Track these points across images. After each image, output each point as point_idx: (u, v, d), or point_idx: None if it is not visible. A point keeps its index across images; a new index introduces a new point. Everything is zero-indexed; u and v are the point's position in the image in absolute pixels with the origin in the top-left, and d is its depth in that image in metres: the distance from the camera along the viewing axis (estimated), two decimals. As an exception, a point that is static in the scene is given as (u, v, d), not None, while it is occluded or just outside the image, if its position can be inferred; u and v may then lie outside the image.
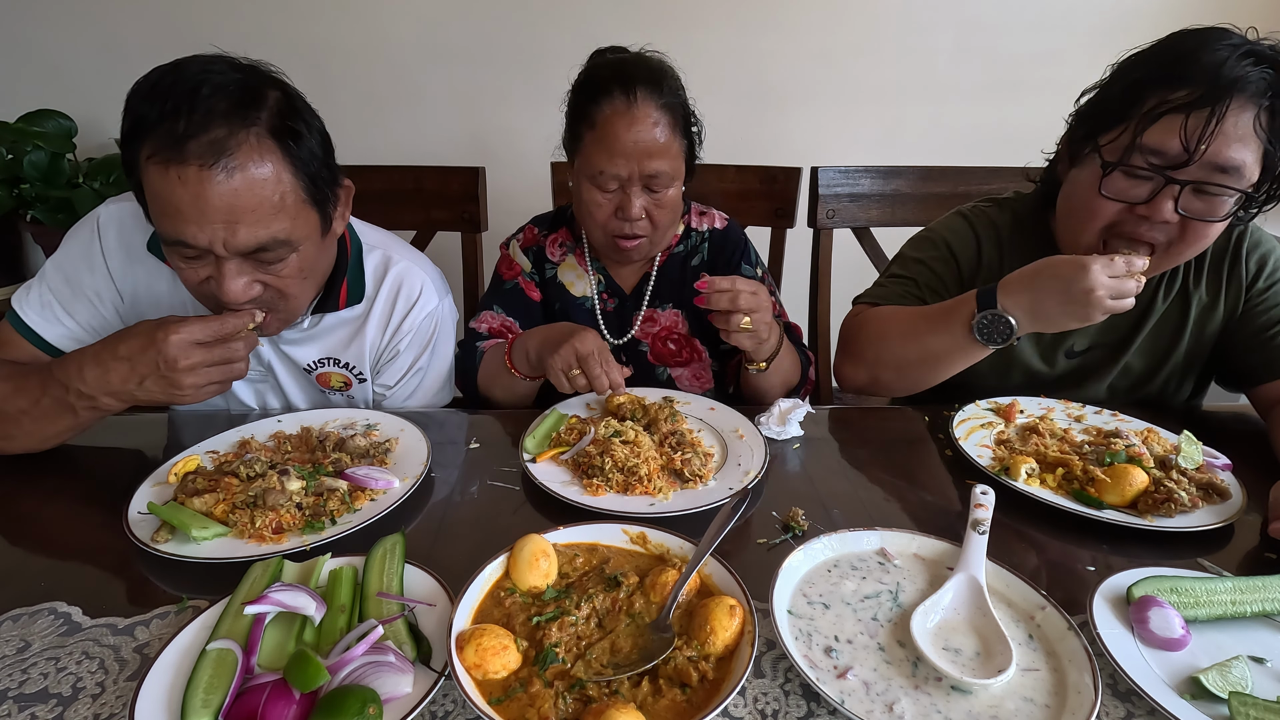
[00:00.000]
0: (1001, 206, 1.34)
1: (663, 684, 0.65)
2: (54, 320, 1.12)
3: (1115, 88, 1.09)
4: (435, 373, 1.34)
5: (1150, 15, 2.43)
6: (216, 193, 0.89)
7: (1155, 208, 1.04)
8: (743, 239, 1.49)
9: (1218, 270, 1.23)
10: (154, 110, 0.88)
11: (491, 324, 1.42)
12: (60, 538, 0.90)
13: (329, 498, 0.91)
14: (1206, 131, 0.98)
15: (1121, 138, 1.05)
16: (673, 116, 1.23)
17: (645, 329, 1.46)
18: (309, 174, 0.98)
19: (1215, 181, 1.01)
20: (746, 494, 0.91)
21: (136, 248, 1.12)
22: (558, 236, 1.47)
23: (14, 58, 2.32)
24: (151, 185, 0.90)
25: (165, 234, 0.93)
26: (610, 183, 1.24)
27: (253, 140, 0.91)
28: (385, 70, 2.40)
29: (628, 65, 1.23)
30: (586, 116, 1.23)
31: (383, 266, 1.25)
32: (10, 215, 2.18)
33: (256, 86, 0.94)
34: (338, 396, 1.30)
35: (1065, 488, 1.00)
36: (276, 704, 0.60)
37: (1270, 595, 0.77)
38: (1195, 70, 0.99)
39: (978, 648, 0.71)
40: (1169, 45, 1.05)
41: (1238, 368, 1.25)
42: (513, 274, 1.46)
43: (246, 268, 0.97)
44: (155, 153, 0.88)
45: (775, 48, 2.41)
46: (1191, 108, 0.98)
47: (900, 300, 1.29)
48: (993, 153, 2.54)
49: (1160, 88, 1.01)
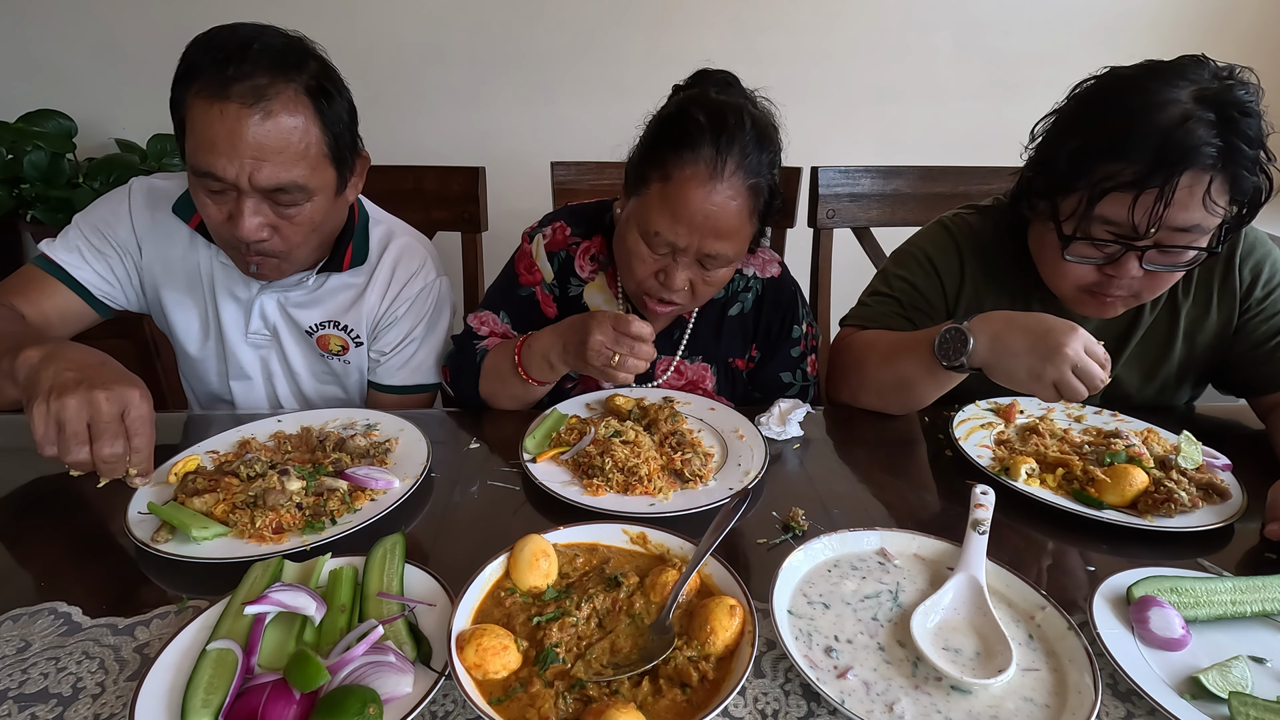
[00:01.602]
0: (984, 214, 1.30)
1: (663, 684, 0.65)
2: (83, 263, 1.21)
3: (1062, 149, 1.05)
4: (429, 347, 1.36)
5: (1150, 15, 2.43)
6: (250, 131, 1.00)
7: (1120, 268, 1.03)
8: (793, 292, 1.34)
9: (1208, 280, 1.20)
10: (207, 57, 1.00)
11: (494, 329, 1.32)
12: (60, 538, 0.89)
13: (329, 498, 0.91)
14: (1156, 212, 0.95)
15: (1078, 209, 1.02)
16: (755, 198, 1.09)
17: (671, 381, 1.34)
18: (334, 133, 1.09)
19: (1176, 243, 0.99)
20: (746, 494, 0.91)
21: (160, 214, 1.23)
22: (591, 246, 1.31)
23: (14, 58, 2.32)
24: (194, 118, 1.01)
25: (198, 165, 1.03)
26: (662, 246, 1.10)
27: (290, 93, 1.03)
28: (386, 70, 2.40)
29: (729, 119, 1.05)
30: (662, 164, 1.07)
31: (387, 238, 1.33)
32: (10, 215, 2.18)
33: (301, 52, 1.06)
34: (336, 361, 1.33)
35: (1065, 488, 1.00)
36: (276, 704, 0.60)
37: (1270, 595, 0.77)
38: (1141, 145, 0.94)
39: (978, 648, 0.71)
40: (1112, 102, 1.00)
41: (1240, 379, 1.23)
42: (531, 280, 1.31)
43: (264, 208, 1.07)
44: (203, 89, 0.99)
45: (775, 48, 2.41)
46: (1141, 187, 0.95)
47: (884, 319, 1.27)
48: (993, 153, 2.54)
49: (1105, 161, 0.98)
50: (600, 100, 2.44)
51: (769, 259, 1.35)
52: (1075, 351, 0.94)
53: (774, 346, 1.35)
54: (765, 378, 1.36)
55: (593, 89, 2.43)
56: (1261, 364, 1.18)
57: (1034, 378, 0.97)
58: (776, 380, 1.36)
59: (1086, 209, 1.00)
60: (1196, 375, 1.28)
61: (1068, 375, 0.94)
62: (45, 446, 0.83)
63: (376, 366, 1.35)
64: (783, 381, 1.36)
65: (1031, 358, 0.96)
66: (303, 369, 1.34)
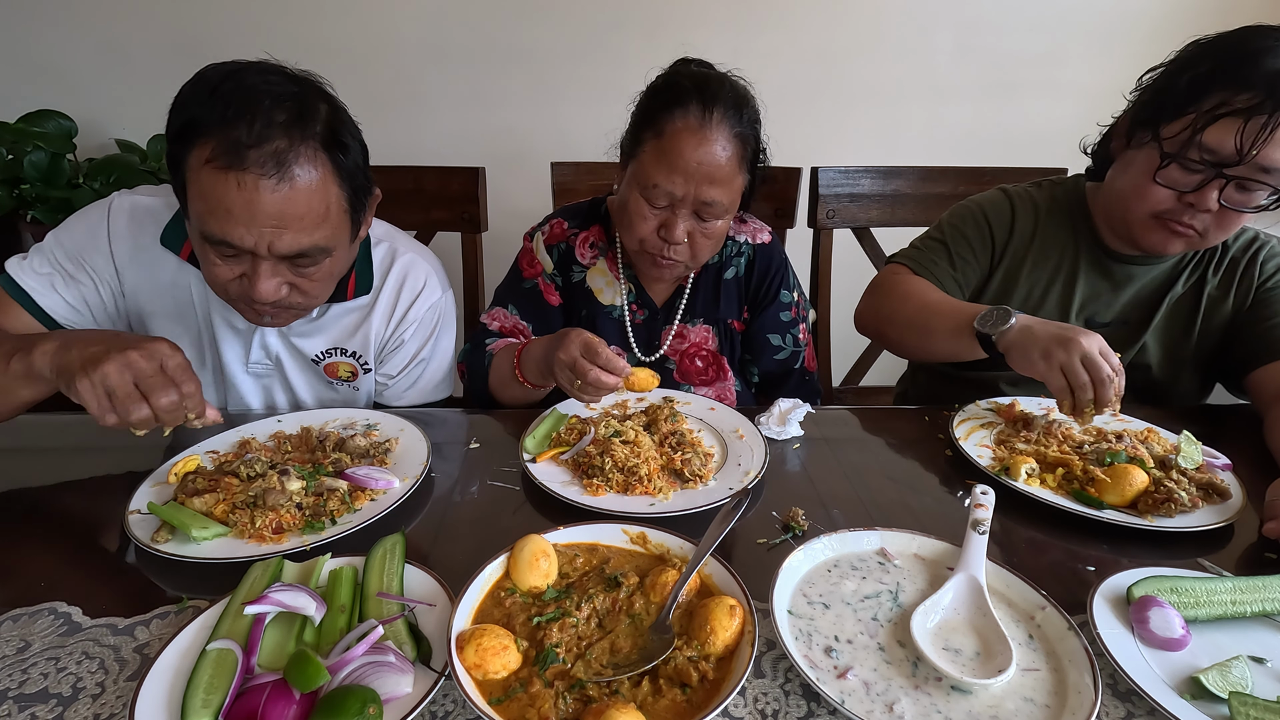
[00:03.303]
0: (1041, 187, 1.41)
1: (663, 684, 0.65)
2: (50, 289, 1.12)
3: (1182, 77, 1.12)
4: (435, 365, 1.35)
5: (1150, 15, 2.43)
6: (270, 199, 0.94)
7: (1202, 197, 1.11)
8: (784, 259, 1.43)
9: (1233, 268, 1.30)
10: (214, 115, 0.91)
11: (504, 323, 1.38)
12: (60, 538, 0.90)
13: (329, 497, 0.91)
14: (1260, 138, 1.03)
15: (1182, 132, 1.10)
16: (743, 147, 1.18)
17: (675, 346, 1.41)
18: (352, 186, 1.04)
19: (1258, 179, 1.08)
20: (746, 494, 0.91)
21: (144, 239, 1.15)
22: (589, 235, 1.39)
23: (14, 58, 2.32)
24: (204, 186, 0.94)
25: (210, 232, 0.96)
26: (662, 199, 1.18)
27: (309, 153, 0.96)
28: (385, 70, 2.40)
29: (712, 82, 1.17)
30: (655, 122, 1.16)
31: (389, 258, 1.28)
32: (10, 215, 2.18)
33: (310, 99, 0.98)
34: (344, 388, 1.30)
35: (1065, 488, 1.00)
36: (276, 704, 0.60)
37: (1270, 595, 0.77)
38: (1259, 76, 1.03)
39: (978, 648, 0.71)
40: (1239, 41, 1.08)
41: (1239, 355, 1.29)
42: (533, 273, 1.40)
43: (281, 269, 1.02)
44: (215, 157, 0.91)
45: (775, 48, 2.41)
46: (1251, 113, 1.03)
47: (930, 261, 1.38)
48: (993, 153, 2.55)
49: (1224, 88, 1.06)
50: (600, 100, 2.43)
51: (759, 228, 1.43)
52: (1089, 346, 1.02)
53: (763, 306, 1.41)
54: (754, 338, 1.42)
55: (593, 89, 2.43)
56: (1260, 337, 1.26)
57: (1045, 357, 1.04)
58: (765, 342, 1.42)
59: (1192, 134, 1.08)
60: (1208, 359, 1.35)
61: (1075, 361, 1.02)
62: (105, 417, 0.86)
63: (384, 390, 1.33)
64: (771, 344, 1.42)
65: (1050, 341, 1.05)
66: (308, 396, 1.30)
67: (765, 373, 1.45)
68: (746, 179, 1.22)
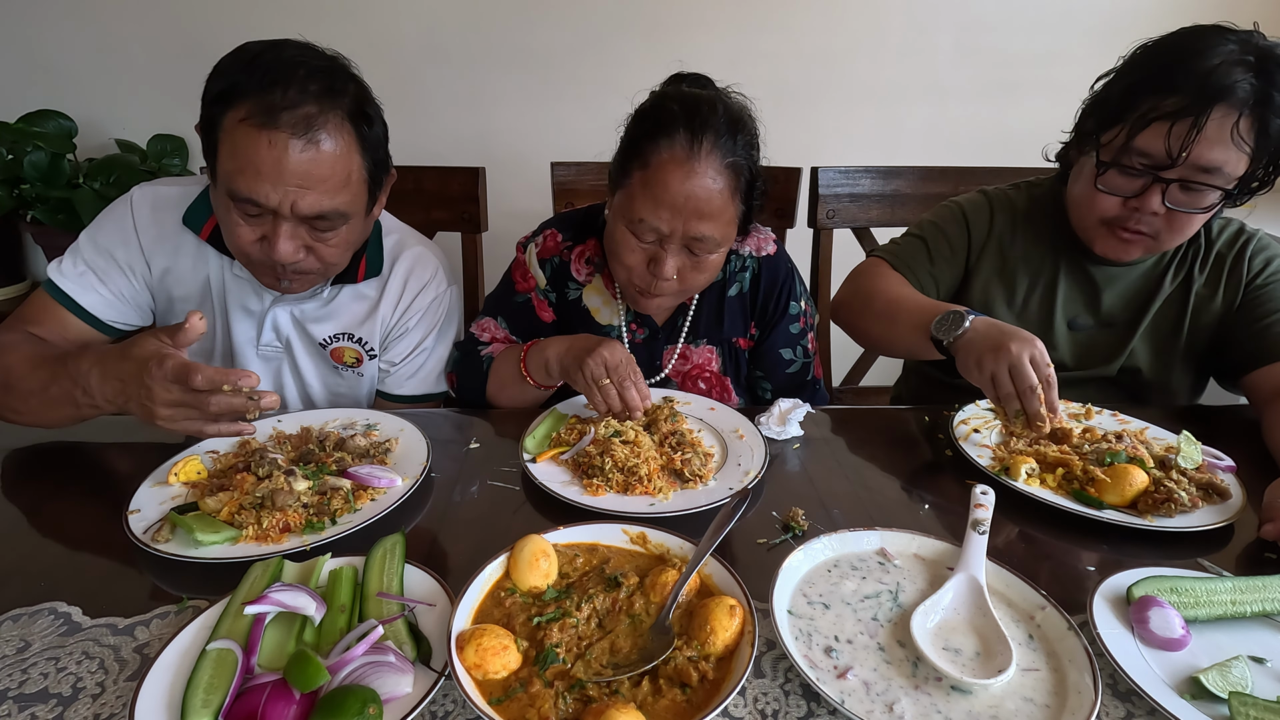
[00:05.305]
0: (1020, 189, 1.42)
1: (663, 684, 0.65)
2: (89, 288, 1.19)
3: (1116, 87, 1.16)
4: (437, 357, 1.37)
5: (1150, 15, 2.43)
6: (298, 159, 1.00)
7: (1144, 200, 1.14)
8: (791, 271, 1.36)
9: (1220, 265, 1.30)
10: (253, 80, 0.99)
11: (495, 334, 1.35)
12: (60, 538, 0.90)
13: (332, 496, 0.91)
14: (1188, 139, 1.05)
15: (1118, 138, 1.13)
16: (736, 178, 1.10)
17: (678, 367, 1.35)
18: (373, 159, 1.11)
19: (1198, 180, 1.09)
20: (746, 494, 0.91)
21: (167, 225, 1.21)
22: (585, 249, 1.33)
23: (14, 58, 2.32)
24: (238, 144, 1.00)
25: (237, 190, 1.02)
26: (648, 234, 1.11)
27: (336, 120, 1.04)
28: (385, 70, 2.38)
29: (702, 106, 1.08)
30: (640, 153, 1.09)
31: (399, 248, 1.33)
32: (10, 215, 2.18)
33: (341, 75, 1.07)
34: (349, 374, 1.33)
35: (1065, 488, 1.00)
36: (276, 704, 0.60)
37: (1270, 595, 0.77)
38: (1185, 79, 1.05)
39: (978, 648, 0.71)
40: (1168, 47, 1.11)
41: (1235, 357, 1.28)
42: (526, 287, 1.35)
43: (300, 232, 1.07)
44: (251, 116, 0.99)
45: (775, 48, 2.41)
46: (1177, 116, 1.06)
47: (908, 253, 1.39)
48: (993, 153, 2.55)
49: (1153, 93, 1.09)
50: (600, 100, 2.44)
51: (765, 238, 1.36)
52: (1017, 353, 0.99)
53: (773, 323, 1.36)
54: (766, 355, 1.37)
55: (593, 89, 2.43)
56: (1255, 338, 1.25)
57: (979, 365, 1.04)
58: (778, 358, 1.37)
59: (1126, 140, 1.11)
60: (1200, 357, 1.34)
61: (1002, 369, 1.00)
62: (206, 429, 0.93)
63: (386, 376, 1.35)
64: (784, 358, 1.37)
65: (984, 348, 1.03)
66: (315, 380, 1.33)
67: (778, 387, 1.39)
68: (742, 209, 1.15)
